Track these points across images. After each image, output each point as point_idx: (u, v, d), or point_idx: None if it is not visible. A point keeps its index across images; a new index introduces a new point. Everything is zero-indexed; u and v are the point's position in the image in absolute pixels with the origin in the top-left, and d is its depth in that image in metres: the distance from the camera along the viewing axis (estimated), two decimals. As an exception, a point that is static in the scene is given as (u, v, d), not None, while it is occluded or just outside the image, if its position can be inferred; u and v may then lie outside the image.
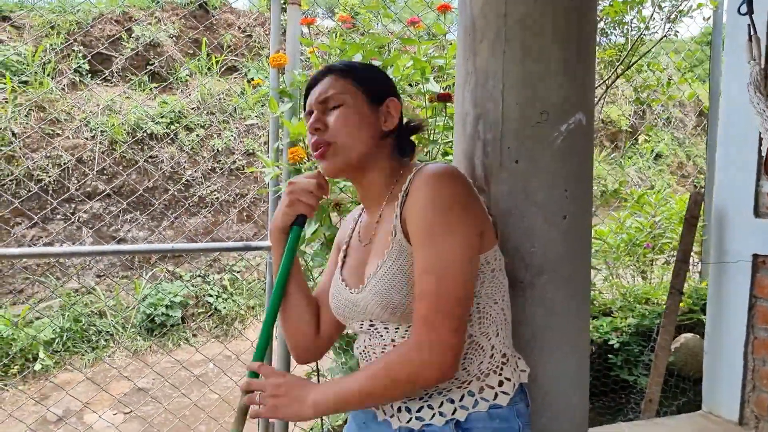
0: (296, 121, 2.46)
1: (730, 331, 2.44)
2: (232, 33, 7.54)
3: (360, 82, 1.31)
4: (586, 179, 1.50)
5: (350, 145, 1.27)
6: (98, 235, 5.71)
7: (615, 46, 3.40)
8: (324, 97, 1.29)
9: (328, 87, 1.30)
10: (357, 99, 1.29)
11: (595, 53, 1.58)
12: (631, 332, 3.26)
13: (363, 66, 1.38)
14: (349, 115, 1.28)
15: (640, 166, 8.70)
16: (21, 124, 5.72)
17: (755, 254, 2.36)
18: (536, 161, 1.43)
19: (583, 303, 1.50)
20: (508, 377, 1.22)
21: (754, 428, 2.39)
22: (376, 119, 1.31)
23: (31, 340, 4.83)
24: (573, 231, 1.45)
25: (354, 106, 1.28)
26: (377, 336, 1.25)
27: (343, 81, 1.30)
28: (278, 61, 2.49)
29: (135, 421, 4.16)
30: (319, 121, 1.29)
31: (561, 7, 1.44)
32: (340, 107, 1.28)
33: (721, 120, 2.52)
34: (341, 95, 1.28)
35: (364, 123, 1.28)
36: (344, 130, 1.27)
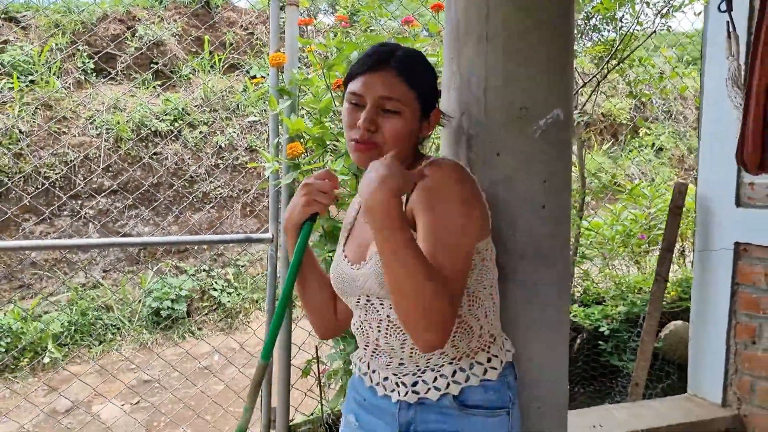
0: (295, 117, 2.55)
1: (713, 317, 2.53)
2: (234, 31, 7.64)
3: (420, 92, 1.32)
4: (564, 170, 1.59)
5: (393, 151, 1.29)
6: (104, 231, 5.82)
7: (606, 42, 3.48)
8: (384, 97, 1.28)
9: (390, 87, 1.28)
10: (413, 113, 1.31)
11: (573, 52, 1.67)
12: (622, 319, 3.37)
13: (424, 67, 1.36)
14: (403, 127, 1.29)
15: (641, 160, 8.76)
16: (28, 122, 5.83)
17: (737, 242, 2.45)
18: (516, 154, 1.52)
19: (563, 285, 1.59)
20: (496, 354, 1.32)
21: (736, 410, 2.48)
22: (420, 129, 1.36)
23: (40, 333, 4.94)
24: (552, 219, 1.55)
25: (408, 119, 1.30)
26: (373, 311, 1.32)
27: (408, 89, 1.29)
28: (277, 60, 2.58)
29: (142, 411, 4.26)
30: (373, 122, 1.28)
31: (540, 9, 1.53)
32: (396, 116, 1.29)
33: (704, 114, 2.61)
34: (401, 104, 1.28)
35: (411, 135, 1.33)
36: (395, 140, 1.29)
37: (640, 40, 3.53)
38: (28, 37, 6.60)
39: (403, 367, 1.31)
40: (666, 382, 3.10)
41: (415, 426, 1.29)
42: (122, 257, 5.97)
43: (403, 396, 1.30)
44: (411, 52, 1.36)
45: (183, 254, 6.17)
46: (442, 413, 1.27)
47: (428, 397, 1.27)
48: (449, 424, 1.26)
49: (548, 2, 1.54)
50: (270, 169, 2.63)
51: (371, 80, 1.29)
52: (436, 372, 1.28)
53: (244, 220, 6.53)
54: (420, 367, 1.30)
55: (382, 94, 1.28)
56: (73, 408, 4.33)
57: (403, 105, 1.28)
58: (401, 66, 1.30)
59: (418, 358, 1.30)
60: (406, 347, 1.30)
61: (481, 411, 1.27)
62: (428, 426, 1.28)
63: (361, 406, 1.42)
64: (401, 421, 1.31)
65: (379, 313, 1.32)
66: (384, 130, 1.29)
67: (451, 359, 1.29)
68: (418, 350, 1.24)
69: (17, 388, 4.55)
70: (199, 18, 7.53)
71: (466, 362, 1.29)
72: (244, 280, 6.20)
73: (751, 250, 2.42)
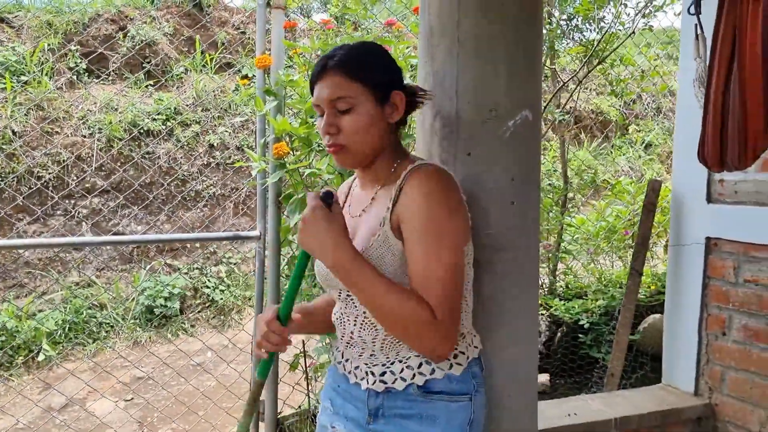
0: (281, 118, 2.62)
1: (686, 309, 2.61)
2: (226, 30, 7.69)
3: (368, 82, 1.34)
4: (533, 168, 1.67)
5: (361, 148, 1.36)
6: (97, 230, 5.88)
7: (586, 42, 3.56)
8: (334, 98, 1.33)
9: (336, 88, 1.33)
10: (366, 102, 1.34)
11: (541, 55, 1.75)
12: (601, 313, 3.46)
13: (369, 60, 1.38)
14: (359, 121, 1.33)
15: (631, 156, 8.85)
16: (21, 122, 5.88)
17: (708, 237, 2.53)
18: (486, 153, 1.60)
19: (531, 276, 1.67)
20: (463, 351, 1.38)
21: (708, 398, 2.57)
22: (383, 116, 1.37)
23: (34, 331, 4.99)
24: (521, 214, 1.62)
25: (364, 111, 1.34)
26: (351, 305, 1.40)
27: (351, 82, 1.33)
28: (263, 63, 2.65)
29: (135, 408, 4.33)
30: (332, 125, 1.34)
31: (509, 14, 1.61)
32: (350, 111, 1.33)
33: (678, 112, 2.70)
34: (351, 99, 1.33)
35: (373, 125, 1.35)
36: (356, 135, 1.34)
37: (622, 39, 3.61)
38: (20, 38, 6.64)
39: (373, 358, 1.39)
40: (640, 372, 3.19)
41: (383, 411, 1.36)
42: (115, 256, 6.03)
43: (371, 384, 1.37)
44: (354, 48, 1.38)
45: (176, 253, 6.23)
46: (407, 400, 1.34)
47: (395, 387, 1.35)
48: (415, 409, 1.33)
49: (516, 9, 1.61)
50: (257, 169, 2.70)
51: (320, 88, 1.35)
52: (403, 363, 1.35)
53: (236, 219, 6.59)
54: (390, 359, 1.37)
55: (330, 98, 1.33)
56: (68, 405, 4.39)
57: (352, 100, 1.33)
58: (341, 65, 1.34)
59: (388, 350, 1.37)
60: (377, 341, 1.37)
61: (444, 396, 1.34)
62: (395, 411, 1.35)
63: (336, 392, 1.49)
64: (370, 407, 1.38)
65: (357, 308, 1.39)
66: (343, 129, 1.34)
67: (417, 353, 1.35)
68: (389, 344, 1.36)
69: (12, 386, 4.61)
70: (190, 18, 7.58)
71: None
72: (236, 277, 6.26)
73: (721, 245, 2.50)
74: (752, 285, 2.39)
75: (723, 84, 1.70)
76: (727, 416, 2.51)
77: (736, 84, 1.66)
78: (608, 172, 8.00)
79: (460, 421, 1.35)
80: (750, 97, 1.64)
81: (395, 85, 1.40)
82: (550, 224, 3.84)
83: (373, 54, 1.40)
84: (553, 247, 3.92)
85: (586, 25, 3.68)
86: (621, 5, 3.34)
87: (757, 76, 1.61)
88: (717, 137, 1.72)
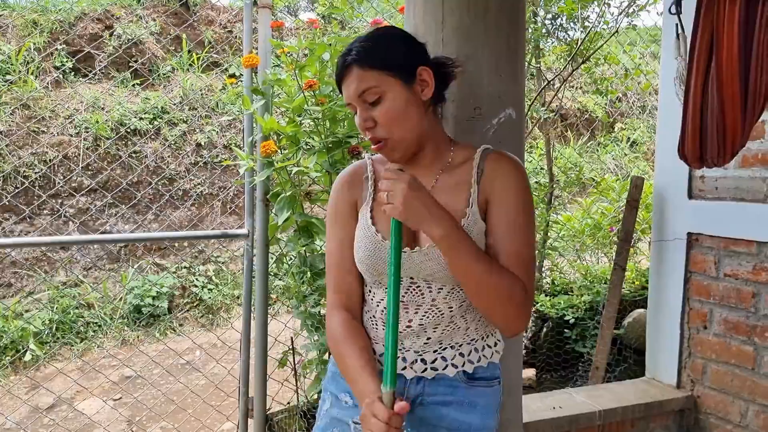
0: (268, 116, 2.64)
1: (669, 303, 2.66)
2: (213, 29, 7.68)
3: (388, 67, 1.30)
4: (517, 166, 1.70)
5: (404, 136, 1.32)
6: (85, 229, 5.86)
7: (570, 42, 3.61)
8: (360, 91, 1.30)
9: (360, 81, 1.29)
10: (394, 87, 1.30)
11: (524, 54, 1.78)
12: (586, 308, 3.51)
13: (384, 44, 1.34)
14: (392, 107, 1.30)
15: (617, 154, 8.93)
16: (7, 122, 5.85)
17: (689, 232, 2.58)
18: (471, 151, 1.63)
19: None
20: (499, 339, 1.45)
21: (690, 391, 2.62)
22: (416, 95, 1.33)
23: (21, 331, 4.98)
24: (504, 211, 1.65)
25: (393, 96, 1.30)
26: (417, 294, 1.36)
27: (371, 72, 1.29)
28: (250, 62, 2.66)
29: (124, 407, 4.33)
30: (368, 119, 1.31)
31: (491, 14, 1.64)
32: (380, 101, 1.30)
33: (661, 110, 2.74)
34: (376, 88, 1.29)
35: (407, 107, 1.31)
36: (394, 125, 1.31)
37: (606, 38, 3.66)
38: (6, 37, 6.60)
39: (426, 346, 1.37)
40: (624, 366, 3.25)
41: (422, 398, 1.37)
42: (103, 255, 6.01)
43: (420, 372, 1.36)
44: (368, 38, 1.35)
45: (164, 252, 6.23)
46: (450, 386, 1.37)
47: (446, 373, 1.36)
48: (456, 395, 1.36)
49: (498, 11, 1.64)
50: (244, 167, 2.71)
51: (346, 87, 1.33)
52: (455, 350, 1.37)
53: (224, 218, 6.59)
54: (443, 345, 1.37)
55: (357, 92, 1.30)
56: (56, 404, 4.39)
57: (378, 89, 1.29)
58: (359, 58, 1.30)
59: (443, 337, 1.37)
60: (440, 328, 1.37)
61: (483, 382, 1.39)
62: (436, 398, 1.37)
63: None
64: (409, 395, 1.37)
65: (424, 296, 1.36)
66: (379, 121, 1.31)
67: (471, 339, 1.38)
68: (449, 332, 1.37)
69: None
70: (177, 16, 7.56)
71: (480, 344, 1.40)
72: (224, 276, 6.27)
73: (702, 240, 2.55)
74: (732, 279, 2.44)
75: (701, 83, 1.74)
76: (708, 408, 2.56)
77: (714, 83, 1.71)
78: (594, 169, 8.08)
79: (494, 406, 1.41)
80: (727, 97, 1.68)
81: (419, 61, 1.35)
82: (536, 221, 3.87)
83: (388, 37, 1.36)
84: (539, 244, 3.97)
85: (571, 24, 3.72)
86: (604, 5, 3.39)
87: (734, 76, 1.66)
88: (696, 135, 1.77)
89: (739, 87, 1.67)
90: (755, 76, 1.65)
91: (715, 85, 1.70)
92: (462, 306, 1.37)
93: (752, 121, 1.72)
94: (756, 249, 2.37)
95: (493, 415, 1.40)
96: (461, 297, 1.36)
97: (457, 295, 1.36)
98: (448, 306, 1.36)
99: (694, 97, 1.75)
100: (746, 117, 1.70)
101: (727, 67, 1.66)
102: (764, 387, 2.37)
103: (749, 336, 2.41)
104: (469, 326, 1.38)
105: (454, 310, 1.36)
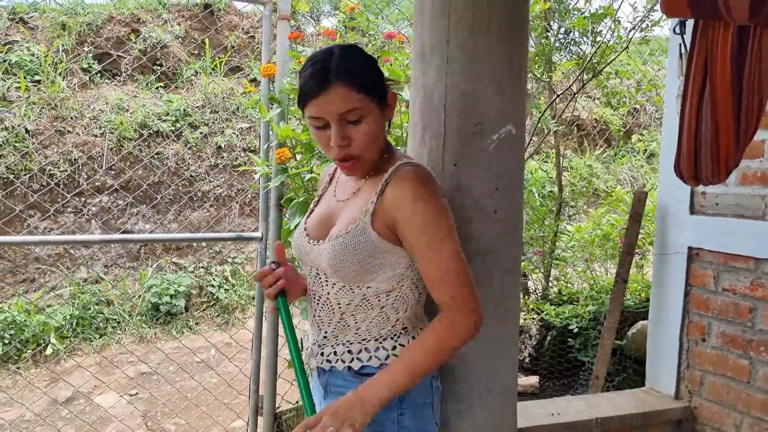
0: (284, 124, 2.74)
1: (669, 316, 2.71)
2: (236, 34, 7.83)
3: (370, 89, 1.37)
4: (516, 179, 1.78)
5: (372, 156, 1.42)
6: (106, 227, 6.02)
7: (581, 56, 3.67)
8: (343, 111, 1.33)
9: (345, 100, 1.33)
10: (373, 110, 1.38)
11: (526, 72, 1.86)
12: (590, 318, 3.57)
13: (366, 67, 1.40)
14: (371, 130, 1.37)
15: (632, 165, 8.93)
16: (34, 121, 6.03)
17: (690, 247, 2.64)
18: (471, 164, 1.71)
19: (512, 278, 1.78)
20: (403, 344, 1.46)
21: (687, 402, 2.67)
22: (384, 117, 1.44)
23: (42, 325, 5.12)
24: (503, 221, 1.73)
25: (372, 119, 1.38)
26: (318, 284, 1.50)
27: (358, 93, 1.34)
28: (268, 72, 2.77)
29: (139, 402, 4.44)
30: (345, 137, 1.36)
31: (494, 33, 1.72)
32: (360, 121, 1.35)
33: (664, 126, 2.80)
34: (362, 110, 1.34)
35: (380, 130, 1.42)
36: (369, 146, 1.39)
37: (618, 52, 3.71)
38: (35, 38, 6.79)
39: (325, 340, 1.50)
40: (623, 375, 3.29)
41: (329, 387, 1.50)
42: (123, 253, 6.16)
43: (319, 363, 1.50)
44: (346, 56, 1.37)
45: (182, 251, 6.36)
46: (344, 379, 1.46)
47: (336, 366, 1.46)
48: (350, 389, 1.38)
49: (500, 30, 1.72)
50: (260, 173, 2.82)
51: (324, 101, 1.33)
52: (345, 347, 1.46)
53: (242, 219, 6.72)
54: (338, 341, 1.48)
55: (340, 111, 1.33)
56: (74, 398, 4.51)
57: (363, 110, 1.35)
58: (344, 75, 1.33)
59: (337, 332, 1.48)
60: (332, 324, 1.49)
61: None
62: (337, 388, 1.47)
63: None
64: (320, 383, 1.53)
65: (322, 288, 1.49)
66: (356, 140, 1.37)
67: (362, 339, 1.46)
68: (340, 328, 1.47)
69: (20, 378, 4.73)
70: (201, 21, 7.72)
71: (373, 344, 1.46)
72: (240, 277, 6.39)
73: (702, 255, 2.61)
74: (730, 294, 2.49)
75: (696, 103, 1.80)
76: (705, 419, 2.61)
77: (708, 104, 1.77)
78: (609, 180, 8.09)
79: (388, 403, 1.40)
80: (721, 117, 1.74)
81: (386, 87, 1.45)
82: (545, 231, 3.95)
83: (366, 60, 1.42)
84: (547, 254, 4.04)
85: (584, 38, 3.79)
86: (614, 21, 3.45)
87: (727, 98, 1.72)
88: (691, 153, 1.83)
89: (731, 108, 1.73)
90: (747, 97, 1.71)
91: (709, 105, 1.76)
92: (351, 305, 1.45)
93: (745, 141, 1.78)
94: (754, 265, 2.42)
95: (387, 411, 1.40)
96: (350, 296, 1.45)
97: (346, 293, 1.45)
98: (338, 302, 1.47)
99: (689, 117, 1.81)
100: (739, 137, 1.76)
101: (720, 89, 1.72)
102: (758, 400, 2.42)
103: (745, 350, 2.46)
104: (360, 326, 1.46)
105: (343, 308, 1.46)
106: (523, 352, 3.76)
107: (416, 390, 1.45)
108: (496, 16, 1.72)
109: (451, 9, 1.73)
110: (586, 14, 3.48)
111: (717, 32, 1.71)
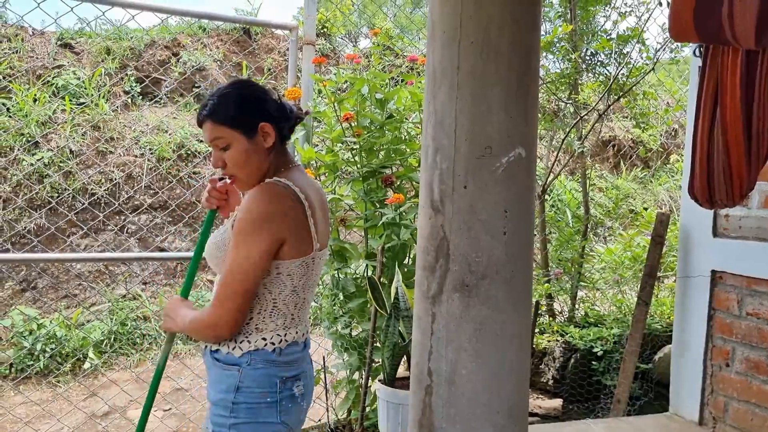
0: (308, 146, 2.81)
1: (692, 340, 2.67)
2: (272, 57, 8.01)
3: (234, 124, 1.69)
4: (525, 201, 1.80)
5: (247, 176, 1.73)
6: (144, 245, 6.17)
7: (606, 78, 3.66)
8: (211, 139, 1.70)
9: (210, 132, 1.70)
10: (237, 139, 1.69)
11: (537, 94, 1.89)
12: (615, 341, 3.52)
13: (231, 104, 1.72)
14: (237, 155, 1.70)
15: (670, 186, 8.78)
16: (78, 142, 6.25)
17: (713, 270, 2.60)
18: (481, 187, 1.74)
19: (523, 301, 1.79)
20: (249, 341, 1.69)
21: (711, 428, 2.61)
22: (258, 144, 1.71)
23: (82, 341, 5.26)
24: (512, 243, 1.75)
25: (238, 146, 1.69)
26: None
27: (221, 127, 1.68)
28: (293, 95, 2.85)
29: (172, 418, 4.52)
30: (219, 159, 1.72)
31: (503, 57, 1.75)
32: (228, 148, 1.69)
33: (686, 148, 2.78)
34: (223, 139, 1.69)
35: (249, 155, 1.70)
36: (238, 167, 1.72)
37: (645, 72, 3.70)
38: (81, 62, 7.06)
39: None
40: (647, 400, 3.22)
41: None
42: (160, 270, 6.30)
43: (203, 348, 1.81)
44: (221, 95, 1.72)
45: (217, 269, 6.46)
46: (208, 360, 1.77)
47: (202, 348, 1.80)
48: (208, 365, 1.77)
49: (510, 53, 1.75)
50: (285, 193, 2.88)
51: (204, 133, 1.74)
52: None
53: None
54: None
55: (209, 140, 1.72)
56: (110, 412, 4.61)
57: (226, 139, 1.69)
58: (209, 114, 1.70)
59: None
60: None
61: (220, 364, 1.71)
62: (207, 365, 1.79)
63: None
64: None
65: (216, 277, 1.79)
66: (228, 163, 1.72)
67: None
68: None
69: (60, 392, 4.86)
70: (239, 44, 7.92)
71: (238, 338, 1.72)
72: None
73: (726, 278, 2.57)
74: (754, 318, 2.45)
75: (708, 127, 1.80)
76: (729, 446, 2.56)
77: (719, 127, 1.77)
78: (647, 201, 7.97)
79: (226, 386, 1.68)
80: (732, 141, 1.74)
81: (261, 118, 1.72)
82: (572, 253, 3.93)
83: (235, 98, 1.73)
84: (574, 276, 4.01)
85: (612, 59, 3.79)
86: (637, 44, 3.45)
87: (738, 122, 1.72)
88: (704, 177, 1.83)
89: (742, 131, 1.73)
90: (758, 121, 1.71)
91: (720, 129, 1.77)
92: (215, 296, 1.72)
93: (758, 164, 1.77)
94: (777, 289, 2.38)
95: (225, 393, 1.68)
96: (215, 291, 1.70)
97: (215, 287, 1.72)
98: (211, 292, 1.81)
99: (701, 141, 1.81)
100: (751, 160, 1.76)
101: (730, 113, 1.73)
102: (784, 427, 2.36)
103: (770, 376, 2.41)
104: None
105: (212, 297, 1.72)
106: (547, 374, 3.72)
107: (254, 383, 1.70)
108: (506, 40, 1.76)
109: (462, 34, 1.78)
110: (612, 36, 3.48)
111: (726, 56, 1.72)
